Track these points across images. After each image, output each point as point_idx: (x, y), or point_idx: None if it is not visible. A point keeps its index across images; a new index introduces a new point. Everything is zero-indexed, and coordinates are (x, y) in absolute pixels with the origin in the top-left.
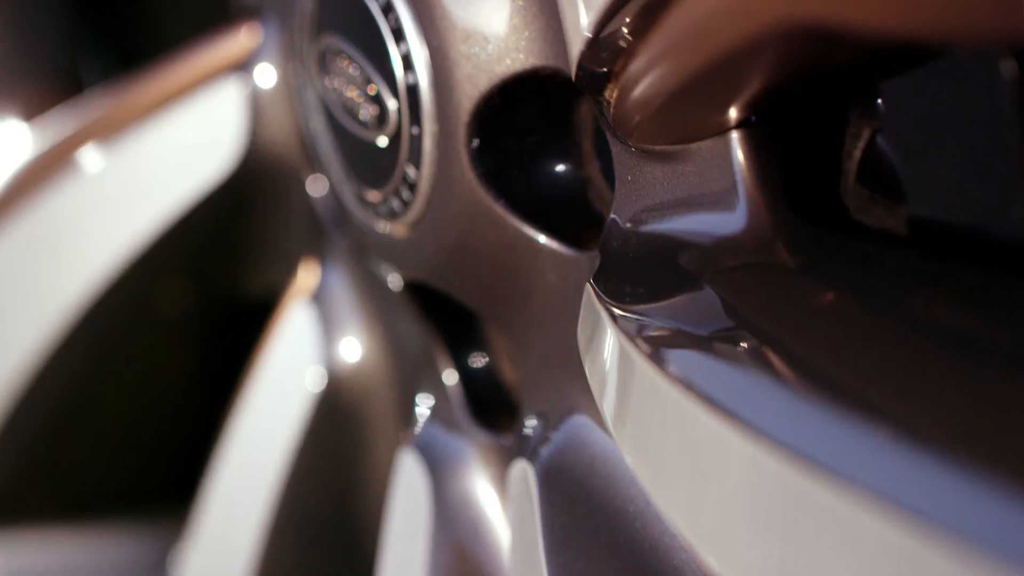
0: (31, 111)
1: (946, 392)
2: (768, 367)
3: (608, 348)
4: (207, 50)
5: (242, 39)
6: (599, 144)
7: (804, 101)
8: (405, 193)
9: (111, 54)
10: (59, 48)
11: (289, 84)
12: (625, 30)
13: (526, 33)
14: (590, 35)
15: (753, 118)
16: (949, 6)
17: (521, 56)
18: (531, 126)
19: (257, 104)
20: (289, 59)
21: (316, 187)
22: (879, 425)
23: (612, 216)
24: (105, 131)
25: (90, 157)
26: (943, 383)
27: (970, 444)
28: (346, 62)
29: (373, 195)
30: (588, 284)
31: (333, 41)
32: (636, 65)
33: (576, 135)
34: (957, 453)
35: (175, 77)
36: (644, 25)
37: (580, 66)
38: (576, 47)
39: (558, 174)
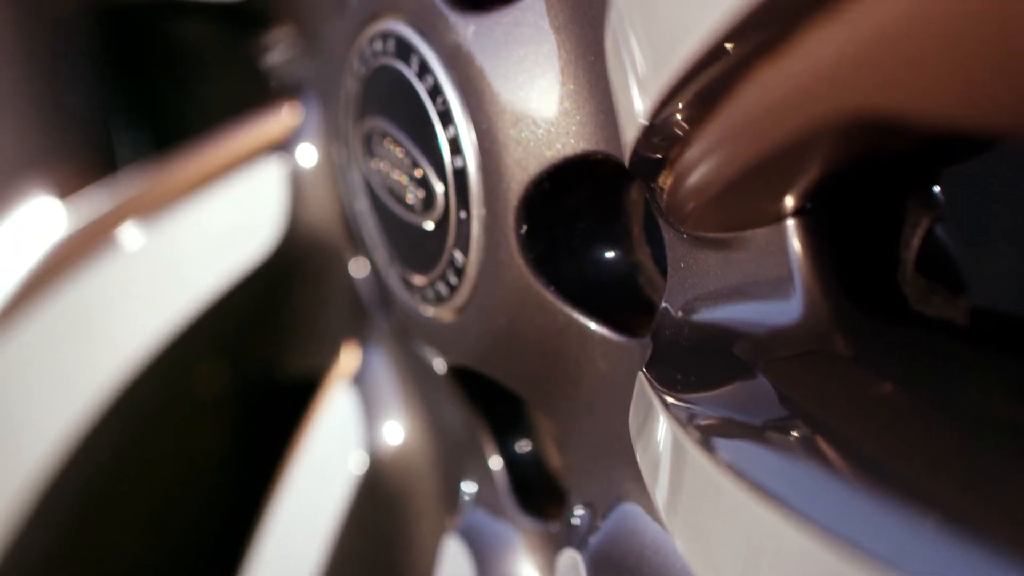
0: (65, 189)
1: (1006, 487)
2: (822, 457)
3: (660, 435)
4: (247, 129)
5: (282, 118)
6: (649, 228)
7: (861, 188)
8: (452, 278)
9: (145, 132)
10: (92, 125)
11: (331, 164)
12: (681, 118)
13: (577, 117)
14: (646, 123)
15: (809, 206)
16: (1010, 98)
17: (571, 140)
18: (581, 211)
19: (298, 184)
20: (332, 140)
21: (358, 269)
22: (934, 518)
23: (664, 304)
24: (143, 209)
25: (128, 236)
26: (1004, 478)
27: None
28: (392, 145)
29: (419, 279)
30: (641, 373)
31: (379, 124)
32: (692, 153)
33: (626, 219)
34: (1015, 548)
35: (215, 156)
36: (701, 113)
37: (634, 153)
38: (630, 133)
39: (608, 259)
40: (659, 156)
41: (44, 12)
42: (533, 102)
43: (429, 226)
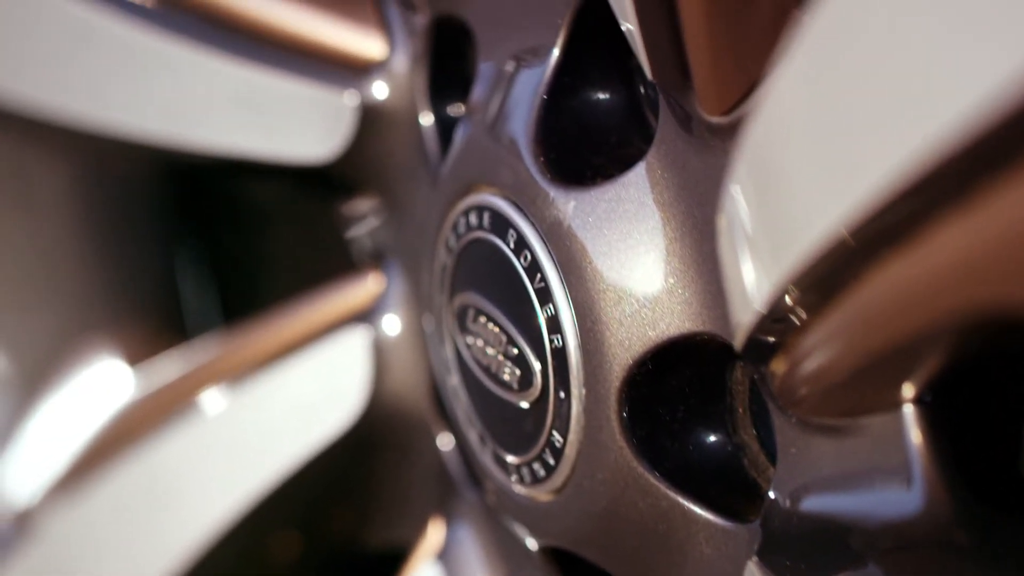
0: (132, 351)
1: None
2: None
3: None
4: (329, 296)
5: (366, 286)
6: (755, 409)
7: (983, 374)
8: (550, 458)
9: (214, 292)
10: (159, 285)
11: (416, 334)
12: (800, 306)
13: (683, 296)
14: (763, 311)
15: (928, 395)
16: None
17: (677, 320)
18: (685, 391)
19: (382, 354)
20: (422, 312)
21: (445, 441)
22: None
23: (774, 490)
24: (223, 375)
25: (207, 402)
26: None
27: None
28: (487, 321)
29: (513, 457)
30: (751, 561)
31: (473, 299)
32: (809, 340)
33: (731, 400)
34: None
35: (296, 323)
36: (822, 302)
37: (748, 338)
38: (744, 318)
39: (713, 441)
40: (774, 342)
41: (107, 169)
42: (637, 281)
43: (526, 405)
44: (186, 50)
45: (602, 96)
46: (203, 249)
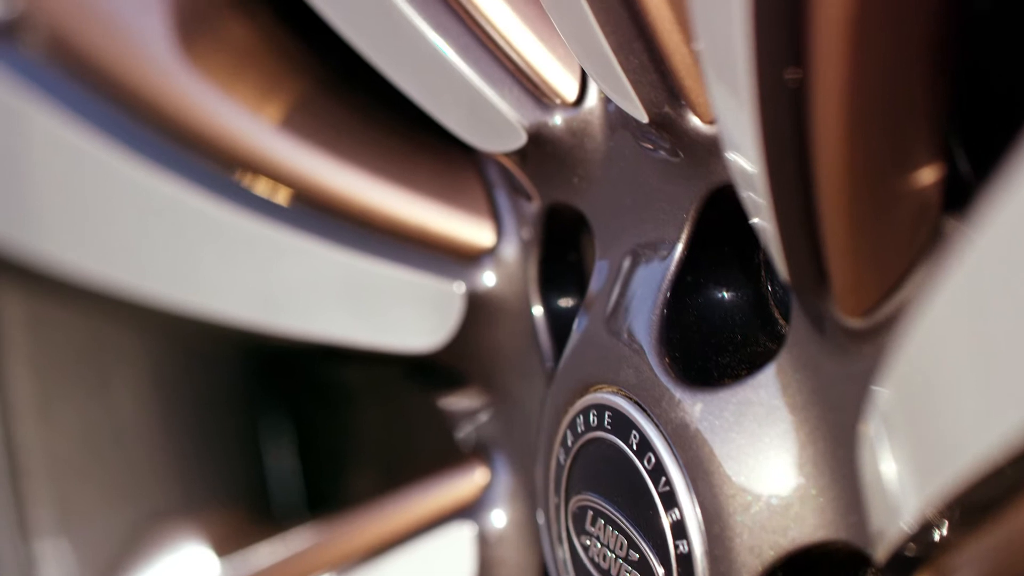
0: (219, 542)
1: None
2: None
3: None
4: (432, 489)
5: (471, 479)
6: None
7: None
8: None
9: (300, 480)
10: (244, 468)
11: (523, 530)
12: (950, 524)
13: (817, 502)
14: (910, 531)
15: None
16: None
17: (809, 528)
18: None
19: (487, 549)
20: (533, 509)
21: None
22: None
23: None
24: (323, 567)
25: None
26: None
27: None
28: (606, 523)
29: None
30: None
31: (591, 500)
32: (957, 558)
33: None
34: None
35: (399, 515)
36: (974, 523)
37: (892, 553)
38: (889, 531)
39: None
40: (917, 556)
41: (190, 348)
42: (767, 486)
43: None
44: (286, 236)
45: (727, 293)
46: (289, 428)
